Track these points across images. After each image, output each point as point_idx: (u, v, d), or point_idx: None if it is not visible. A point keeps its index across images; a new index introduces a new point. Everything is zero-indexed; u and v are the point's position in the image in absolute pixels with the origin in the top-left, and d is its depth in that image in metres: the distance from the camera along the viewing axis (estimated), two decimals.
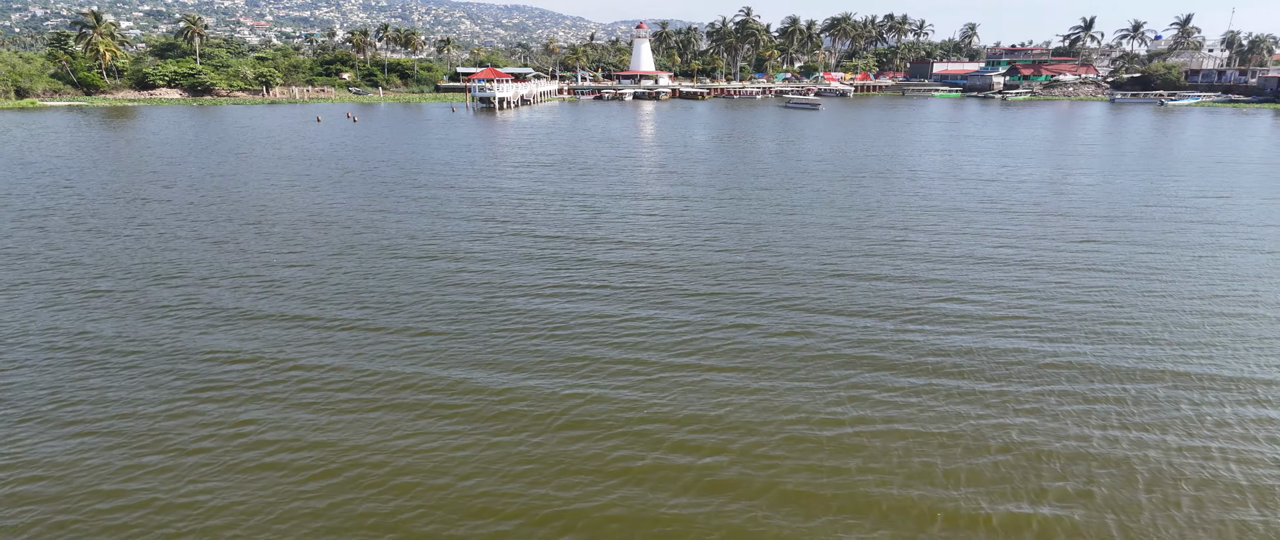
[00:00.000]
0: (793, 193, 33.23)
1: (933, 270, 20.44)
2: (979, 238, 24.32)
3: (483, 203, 30.56)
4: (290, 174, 38.32)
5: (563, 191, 33.45)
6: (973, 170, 40.98)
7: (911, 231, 25.15)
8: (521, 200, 31.24)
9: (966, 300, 17.91)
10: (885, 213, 28.52)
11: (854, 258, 21.73)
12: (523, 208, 29.63)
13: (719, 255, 22.03)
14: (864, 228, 25.83)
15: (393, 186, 34.54)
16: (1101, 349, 14.83)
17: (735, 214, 28.39)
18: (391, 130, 65.40)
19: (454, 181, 36.21)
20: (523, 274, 20.06)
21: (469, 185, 35.21)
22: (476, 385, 13.23)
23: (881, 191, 33.39)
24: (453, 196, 32.01)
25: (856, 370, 13.83)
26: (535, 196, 32.19)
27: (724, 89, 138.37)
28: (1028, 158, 46.79)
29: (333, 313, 16.94)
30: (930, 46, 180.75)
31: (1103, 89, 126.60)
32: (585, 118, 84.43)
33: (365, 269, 20.48)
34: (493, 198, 31.76)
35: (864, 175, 38.73)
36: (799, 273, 20.16)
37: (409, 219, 27.21)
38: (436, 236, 24.39)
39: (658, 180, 37.21)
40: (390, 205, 29.91)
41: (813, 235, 24.64)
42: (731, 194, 32.99)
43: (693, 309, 17.25)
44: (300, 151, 48.30)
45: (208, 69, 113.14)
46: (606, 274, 20.07)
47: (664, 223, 26.80)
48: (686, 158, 46.67)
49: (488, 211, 28.74)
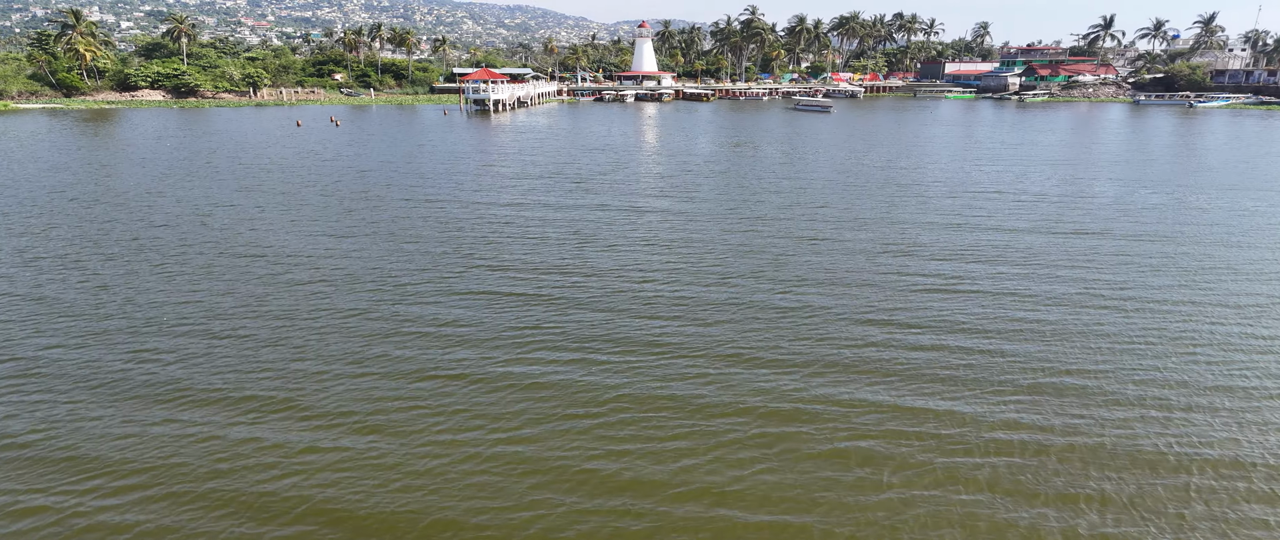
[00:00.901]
0: (814, 218, 28.57)
1: (1013, 333, 15.80)
2: (1060, 278, 19.67)
3: (452, 228, 25.95)
4: (236, 189, 33.77)
5: (550, 211, 28.85)
6: (1026, 187, 36.29)
7: (962, 262, 20.53)
8: (500, 224, 26.64)
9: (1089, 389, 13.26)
10: (929, 242, 23.85)
11: (896, 303, 17.11)
12: (500, 234, 25.03)
13: (727, 295, 17.43)
14: (903, 261, 21.19)
15: (351, 205, 29.97)
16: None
17: (748, 242, 23.74)
18: (374, 136, 60.91)
19: (426, 198, 31.62)
20: (480, 327, 15.47)
21: (442, 203, 30.62)
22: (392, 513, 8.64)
23: (919, 210, 28.71)
24: (418, 218, 27.41)
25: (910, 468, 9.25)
26: (517, 218, 27.59)
27: (729, 90, 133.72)
28: (1085, 170, 42.08)
29: (188, 412, 12.34)
30: (941, 46, 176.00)
31: (1124, 90, 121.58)
32: (584, 121, 79.87)
33: (274, 329, 15.88)
34: (465, 221, 27.15)
35: (895, 192, 34.04)
36: (835, 328, 15.54)
37: (355, 250, 22.62)
38: (381, 275, 19.78)
39: (658, 196, 32.57)
40: (338, 229, 25.32)
41: (841, 272, 20.01)
42: (742, 216, 28.34)
43: (695, 378, 12.66)
44: (263, 161, 43.79)
45: (193, 70, 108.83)
46: (590, 327, 15.49)
47: (664, 253, 22.16)
48: (690, 169, 42.05)
49: (455, 238, 24.13)
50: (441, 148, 51.80)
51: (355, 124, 72.50)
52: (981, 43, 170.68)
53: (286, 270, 20.31)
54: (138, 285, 18.97)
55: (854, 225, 26.29)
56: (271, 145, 52.18)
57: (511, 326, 16.00)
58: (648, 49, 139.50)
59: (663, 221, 27.15)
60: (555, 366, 13.95)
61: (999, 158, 46.90)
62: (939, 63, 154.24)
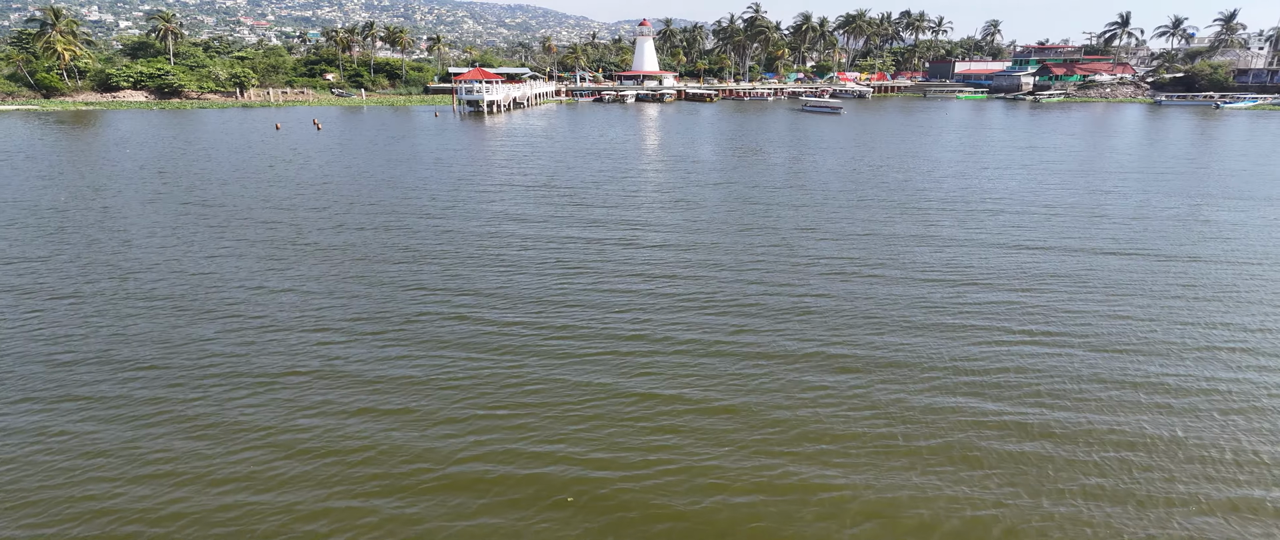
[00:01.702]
0: (840, 239, 24.60)
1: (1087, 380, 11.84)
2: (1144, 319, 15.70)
3: (418, 254, 22.03)
4: (183, 204, 29.88)
5: (535, 231, 24.93)
6: (1082, 202, 32.29)
7: (1015, 289, 16.59)
8: (474, 250, 22.72)
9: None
10: (970, 270, 19.89)
11: (974, 364, 13.18)
12: (472, 260, 21.12)
13: (738, 345, 13.51)
14: (957, 296, 17.23)
15: (305, 221, 26.05)
16: None
17: (764, 277, 19.80)
18: (356, 141, 57.02)
19: (396, 212, 27.70)
20: (418, 408, 11.56)
21: (414, 218, 26.71)
22: None
23: (962, 227, 24.74)
24: (375, 243, 23.48)
25: None
26: (495, 240, 23.66)
27: (733, 91, 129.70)
28: (1145, 181, 38.06)
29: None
30: (949, 45, 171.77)
31: (1142, 90, 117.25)
32: (582, 123, 75.94)
33: (155, 398, 11.95)
34: (435, 243, 23.22)
35: (932, 209, 30.04)
36: (892, 406, 11.62)
37: (289, 286, 18.70)
38: (306, 319, 15.86)
39: (658, 214, 28.62)
40: (276, 256, 21.40)
41: (882, 313, 16.07)
42: (754, 242, 24.38)
43: (705, 488, 8.76)
44: (224, 171, 39.92)
45: (177, 70, 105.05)
46: (558, 403, 11.58)
47: (664, 290, 18.23)
48: (694, 179, 38.09)
49: (417, 269, 20.22)
50: (425, 154, 47.90)
51: (340, 127, 68.65)
52: (991, 41, 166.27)
53: (210, 304, 16.40)
54: None
55: (883, 247, 22.33)
56: (241, 150, 48.31)
57: (460, 406, 12.06)
58: (649, 48, 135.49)
59: (661, 247, 23.19)
60: (503, 463, 10.03)
61: (1034, 165, 42.87)
62: (948, 62, 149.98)
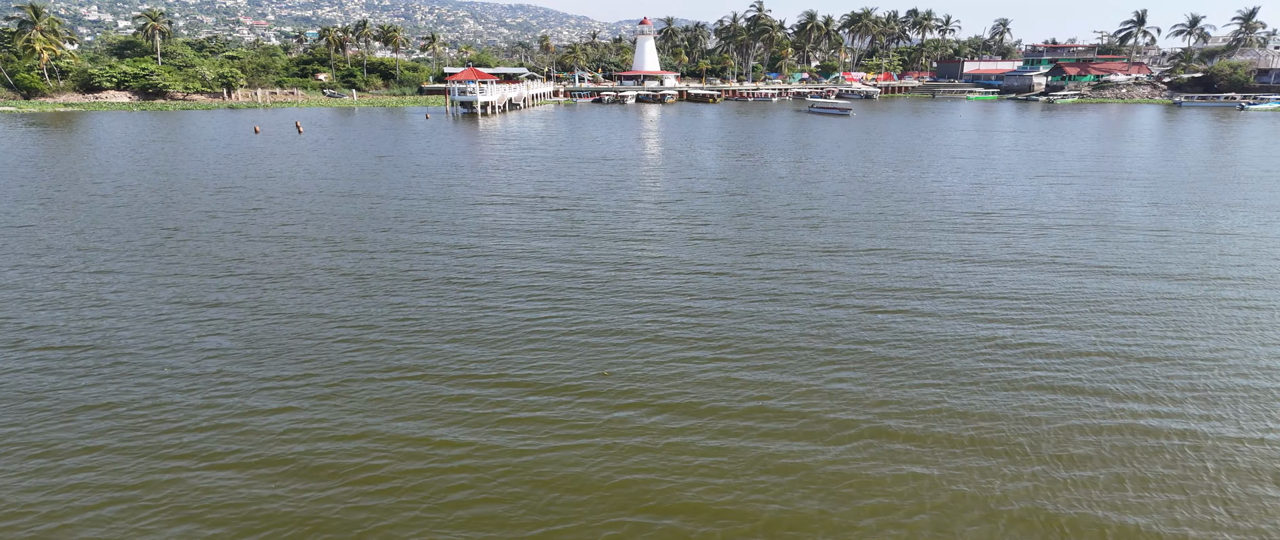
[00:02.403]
0: (863, 262, 21.12)
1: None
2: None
3: (370, 292, 18.58)
4: (114, 225, 26.46)
5: (513, 259, 21.47)
6: (1140, 219, 28.80)
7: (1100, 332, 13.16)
8: (440, 282, 19.27)
9: None
10: (1030, 305, 16.41)
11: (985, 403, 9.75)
12: (434, 297, 17.67)
13: (756, 431, 10.09)
14: (1005, 333, 13.76)
15: (243, 246, 22.60)
16: None
17: (785, 312, 16.33)
18: (337, 145, 53.56)
19: (359, 230, 24.25)
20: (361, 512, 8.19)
21: (376, 235, 23.26)
22: None
23: (1002, 248, 21.27)
24: (324, 275, 20.03)
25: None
26: (467, 269, 20.21)
27: (736, 91, 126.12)
28: (1204, 192, 34.55)
29: None
30: (957, 44, 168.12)
31: (1159, 91, 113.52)
32: (580, 126, 72.48)
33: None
34: (392, 276, 19.77)
35: (962, 225, 26.54)
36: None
37: (209, 328, 15.25)
38: (208, 376, 12.41)
39: (657, 232, 25.14)
40: (195, 292, 17.96)
41: (915, 350, 12.60)
42: (769, 265, 20.91)
43: None
44: (182, 180, 36.48)
45: (163, 69, 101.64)
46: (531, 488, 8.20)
47: (659, 327, 14.77)
48: (698, 189, 34.61)
49: (365, 307, 16.77)
50: (406, 160, 44.44)
51: (324, 130, 65.17)
52: (1000, 41, 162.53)
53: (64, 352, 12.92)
54: None
55: (922, 272, 18.86)
56: (207, 156, 44.86)
57: (411, 499, 8.60)
58: (649, 47, 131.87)
59: (659, 274, 19.72)
60: None
61: (1071, 174, 39.33)
62: (956, 62, 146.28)
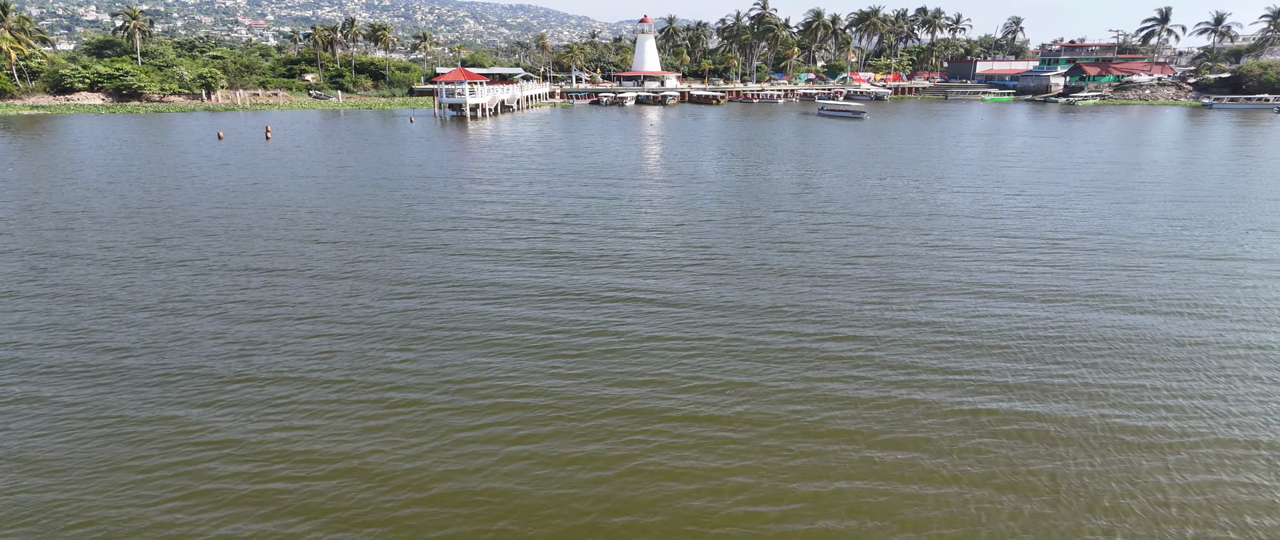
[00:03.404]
0: (904, 303, 16.08)
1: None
2: None
3: (278, 350, 13.59)
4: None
5: (482, 285, 16.46)
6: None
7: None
8: (380, 341, 14.26)
9: None
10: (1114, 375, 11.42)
11: None
12: (365, 345, 12.68)
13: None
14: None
15: (161, 273, 17.64)
16: None
17: (814, 389, 11.34)
18: (303, 154, 48.65)
19: (297, 258, 19.27)
20: None
21: (319, 265, 18.27)
22: None
23: (1084, 282, 16.29)
24: (209, 343, 15.04)
25: None
26: (418, 309, 15.21)
27: (741, 92, 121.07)
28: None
29: None
30: (968, 44, 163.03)
31: (1184, 91, 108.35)
32: (576, 130, 67.54)
33: None
34: (320, 314, 14.77)
35: (1031, 258, 21.51)
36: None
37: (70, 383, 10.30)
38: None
39: (655, 264, 20.12)
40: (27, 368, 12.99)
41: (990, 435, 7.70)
42: (797, 329, 15.88)
43: None
44: (104, 199, 31.56)
45: (140, 70, 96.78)
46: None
47: (653, 399, 9.79)
48: (700, 210, 29.61)
49: (286, 353, 11.80)
50: (376, 171, 39.48)
51: (297, 135, 60.22)
52: (1012, 40, 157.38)
53: None
54: None
55: (980, 319, 13.84)
56: (155, 168, 39.92)
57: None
58: (650, 46, 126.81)
59: (656, 321, 14.69)
60: None
61: (1123, 187, 34.27)
62: (968, 62, 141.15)
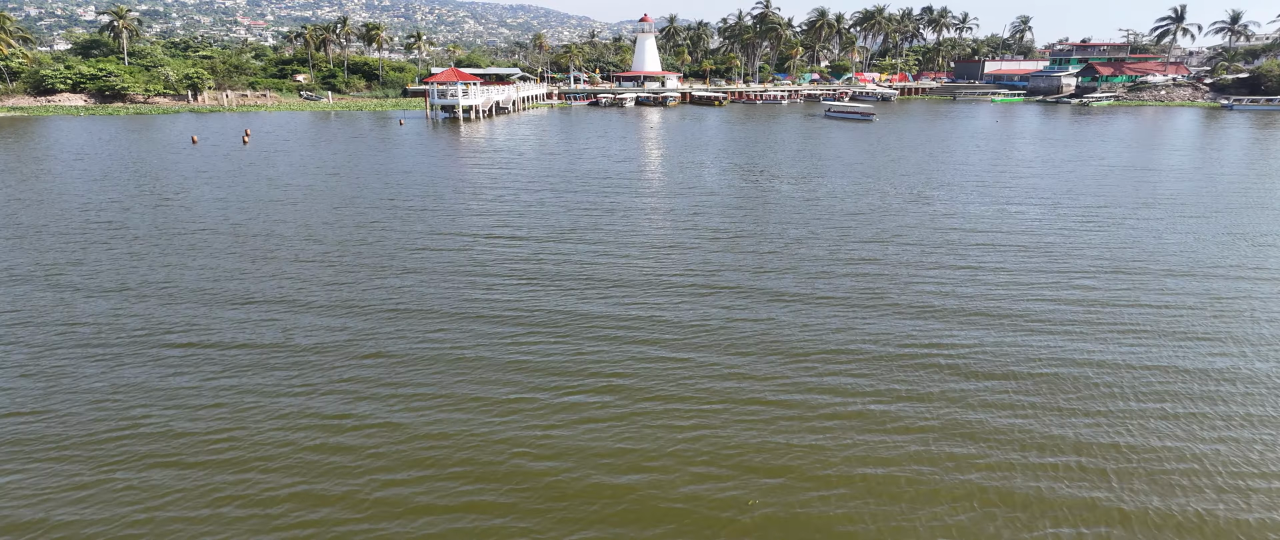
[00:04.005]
0: (957, 355, 13.04)
1: None
2: None
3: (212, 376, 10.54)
4: None
5: (436, 344, 13.42)
6: None
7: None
8: (313, 375, 11.21)
9: None
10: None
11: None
12: (309, 402, 9.63)
13: None
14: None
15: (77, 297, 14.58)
16: None
17: (842, 447, 8.32)
18: (281, 160, 45.66)
19: (239, 292, 16.23)
20: None
21: (260, 297, 15.22)
22: None
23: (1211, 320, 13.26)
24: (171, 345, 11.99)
25: None
26: (360, 359, 12.16)
27: (744, 93, 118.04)
28: None
29: None
30: (975, 43, 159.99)
31: (1201, 92, 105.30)
32: (573, 133, 64.54)
33: None
34: (250, 354, 11.72)
35: (1095, 289, 18.45)
36: None
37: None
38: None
39: (651, 298, 17.06)
40: None
41: None
42: (819, 382, 12.82)
43: None
44: (46, 212, 28.54)
45: (124, 70, 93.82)
46: None
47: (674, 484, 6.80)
48: (702, 223, 26.55)
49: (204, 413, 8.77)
50: (357, 180, 36.45)
51: (279, 139, 57.20)
52: (1021, 40, 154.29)
53: None
54: None
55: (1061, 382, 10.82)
56: (117, 176, 36.88)
57: None
58: (650, 46, 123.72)
59: (651, 373, 11.62)
60: None
61: (1198, 198, 31.21)
62: (976, 62, 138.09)
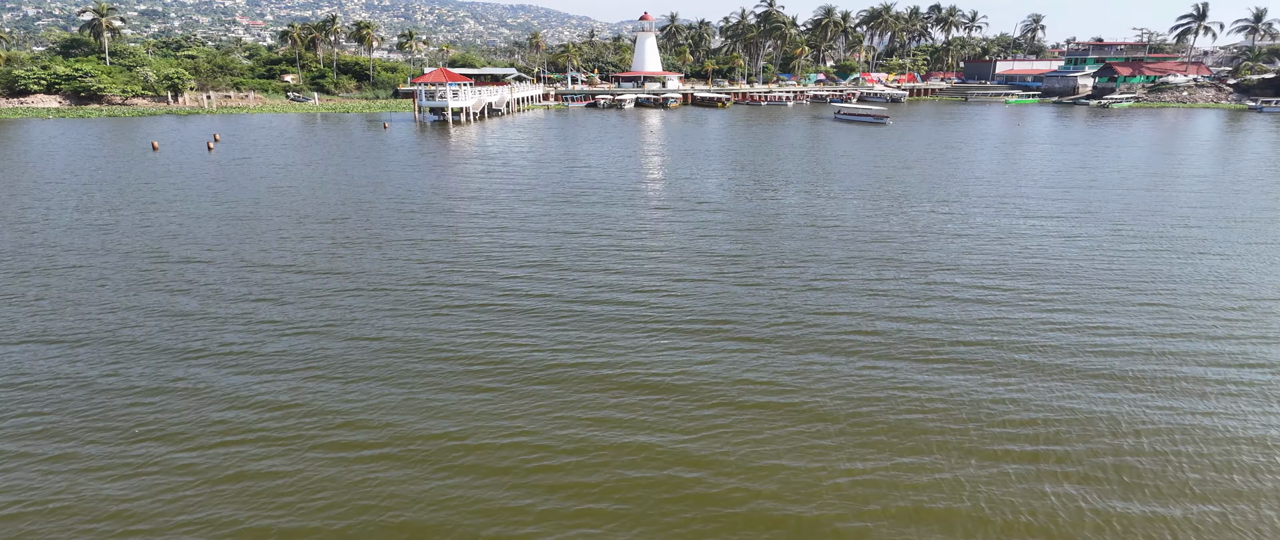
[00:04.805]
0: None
1: None
2: None
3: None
4: None
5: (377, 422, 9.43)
6: None
7: None
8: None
9: None
10: None
11: None
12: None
13: None
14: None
15: None
16: None
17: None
18: (243, 171, 41.69)
19: (126, 349, 12.26)
20: None
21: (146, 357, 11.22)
22: None
23: None
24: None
25: None
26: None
27: (747, 94, 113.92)
28: None
29: None
30: (985, 42, 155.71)
31: (1224, 93, 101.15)
32: (568, 137, 60.51)
33: None
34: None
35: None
36: None
37: None
38: None
39: (646, 342, 13.02)
40: None
41: None
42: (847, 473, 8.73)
43: None
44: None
45: (102, 71, 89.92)
46: None
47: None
48: (708, 253, 22.47)
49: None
50: (318, 194, 32.43)
51: (252, 144, 53.23)
52: (1032, 39, 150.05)
53: None
54: None
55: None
56: (45, 192, 32.89)
57: None
58: (650, 45, 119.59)
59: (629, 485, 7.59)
60: None
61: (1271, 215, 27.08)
62: (986, 61, 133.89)
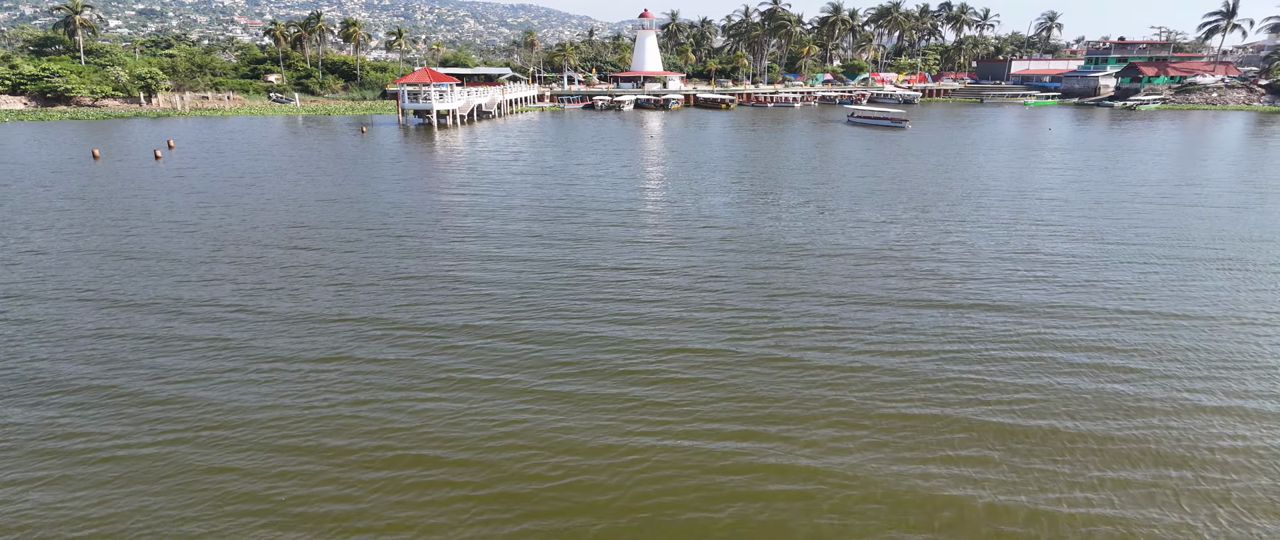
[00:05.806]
0: None
1: None
2: None
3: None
4: None
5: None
6: None
7: None
8: None
9: None
10: None
11: None
12: None
13: None
14: None
15: None
16: None
17: None
18: (177, 185, 36.69)
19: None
20: None
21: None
22: None
23: None
24: None
25: None
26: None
27: (752, 95, 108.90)
28: None
29: None
30: (997, 41, 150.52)
31: (1257, 94, 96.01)
32: (563, 143, 55.47)
33: None
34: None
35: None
36: None
37: None
38: None
39: (640, 409, 8.04)
40: None
41: None
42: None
43: None
44: None
45: (72, 70, 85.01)
46: None
47: None
48: (714, 292, 17.37)
49: None
50: (253, 214, 27.41)
51: (209, 151, 48.21)
52: (1046, 38, 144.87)
53: None
54: None
55: None
56: None
57: None
58: (651, 44, 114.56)
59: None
60: None
61: None
62: (1000, 61, 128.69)
